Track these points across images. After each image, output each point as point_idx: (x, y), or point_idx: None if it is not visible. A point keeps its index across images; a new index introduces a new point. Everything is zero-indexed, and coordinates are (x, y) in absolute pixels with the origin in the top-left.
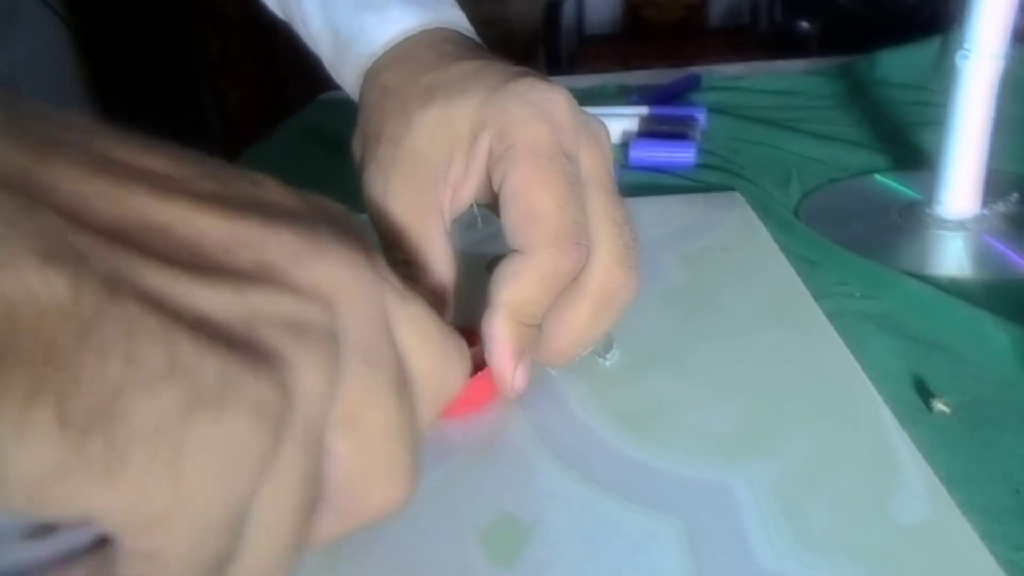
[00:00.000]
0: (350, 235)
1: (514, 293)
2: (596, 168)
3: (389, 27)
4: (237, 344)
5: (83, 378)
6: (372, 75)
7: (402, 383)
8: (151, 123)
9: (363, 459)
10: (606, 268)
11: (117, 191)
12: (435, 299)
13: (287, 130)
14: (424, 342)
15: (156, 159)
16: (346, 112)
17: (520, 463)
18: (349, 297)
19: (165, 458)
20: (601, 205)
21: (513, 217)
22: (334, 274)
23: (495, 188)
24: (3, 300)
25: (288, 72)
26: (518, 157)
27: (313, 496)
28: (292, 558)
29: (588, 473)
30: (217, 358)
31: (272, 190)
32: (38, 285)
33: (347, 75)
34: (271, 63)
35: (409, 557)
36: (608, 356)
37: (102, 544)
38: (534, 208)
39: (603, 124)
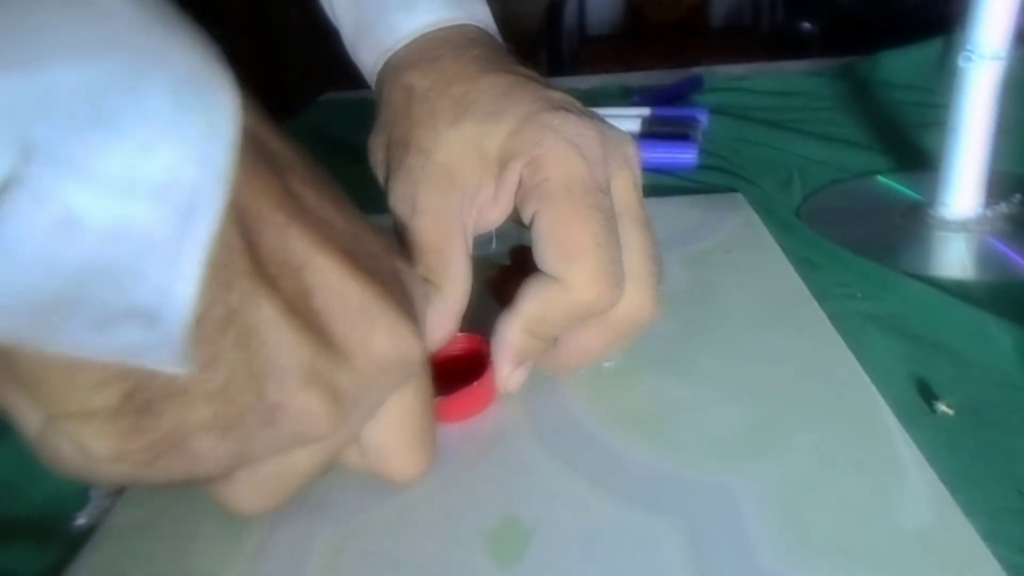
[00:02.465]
0: (415, 317)
1: (538, 312)
2: (628, 199)
3: (416, 17)
4: (266, 398)
5: (161, 377)
6: (394, 69)
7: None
8: None
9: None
10: (637, 302)
11: (286, 229)
12: (442, 318)
13: (288, 131)
14: (400, 427)
15: (327, 205)
16: (346, 113)
17: (522, 465)
18: (384, 385)
19: (158, 452)
20: (635, 239)
21: (551, 253)
22: (389, 360)
23: (525, 221)
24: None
25: (289, 72)
26: (554, 194)
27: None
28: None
29: (590, 475)
30: (251, 397)
31: (386, 249)
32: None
33: (365, 58)
34: (271, 63)
35: (412, 559)
36: (609, 358)
37: None
38: (573, 246)
39: (631, 139)
